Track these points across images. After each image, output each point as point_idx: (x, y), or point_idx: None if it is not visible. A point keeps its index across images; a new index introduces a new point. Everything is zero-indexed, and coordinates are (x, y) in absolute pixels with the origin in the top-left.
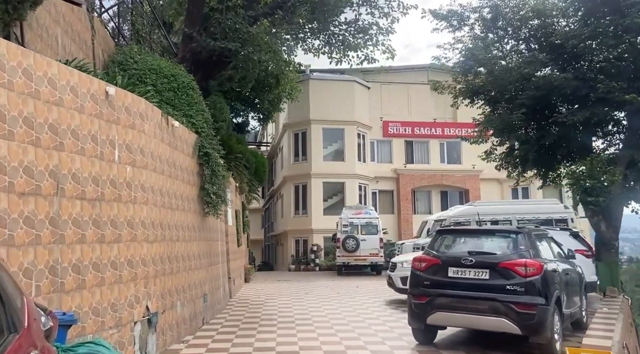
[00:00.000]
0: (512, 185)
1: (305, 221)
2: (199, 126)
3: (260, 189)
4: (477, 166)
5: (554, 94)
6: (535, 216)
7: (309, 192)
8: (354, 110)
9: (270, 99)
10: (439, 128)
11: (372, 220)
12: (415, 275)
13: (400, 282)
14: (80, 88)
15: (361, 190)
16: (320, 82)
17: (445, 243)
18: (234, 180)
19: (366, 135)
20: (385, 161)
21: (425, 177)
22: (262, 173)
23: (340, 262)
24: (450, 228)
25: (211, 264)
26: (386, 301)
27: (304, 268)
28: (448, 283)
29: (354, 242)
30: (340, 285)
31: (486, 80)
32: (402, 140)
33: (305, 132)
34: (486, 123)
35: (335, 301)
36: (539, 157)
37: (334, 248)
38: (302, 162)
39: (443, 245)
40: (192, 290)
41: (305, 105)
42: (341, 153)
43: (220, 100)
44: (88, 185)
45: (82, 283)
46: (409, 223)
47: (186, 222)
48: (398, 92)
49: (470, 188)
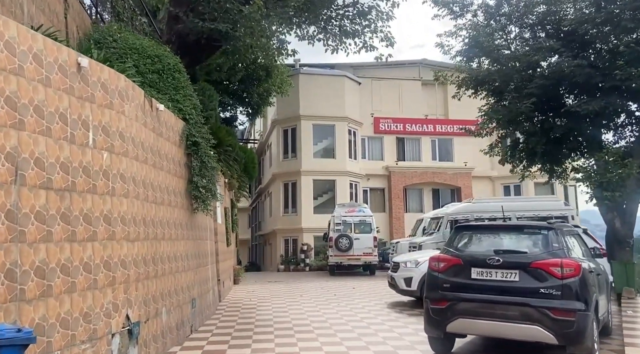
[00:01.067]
0: (504, 182)
1: (294, 220)
2: (186, 112)
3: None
4: (469, 163)
5: (563, 83)
6: (535, 213)
7: (299, 190)
8: (344, 106)
9: (259, 93)
10: (430, 125)
11: (365, 218)
12: (432, 276)
13: (403, 283)
14: (46, 56)
15: (352, 188)
16: (310, 77)
17: (465, 240)
18: (223, 176)
19: (357, 132)
20: (376, 158)
21: (417, 175)
22: (252, 169)
23: (332, 262)
24: (471, 223)
25: (200, 265)
26: (388, 303)
27: (294, 268)
28: (471, 285)
29: (347, 241)
30: (335, 286)
31: (491, 69)
32: (393, 137)
33: (294, 128)
34: (492, 114)
35: (334, 303)
36: (546, 150)
37: (324, 247)
38: (292, 159)
39: (463, 243)
40: (180, 295)
41: (295, 101)
42: (332, 150)
43: (209, 88)
44: (55, 173)
45: (48, 289)
46: (400, 222)
47: (172, 219)
48: (389, 88)
49: (462, 185)
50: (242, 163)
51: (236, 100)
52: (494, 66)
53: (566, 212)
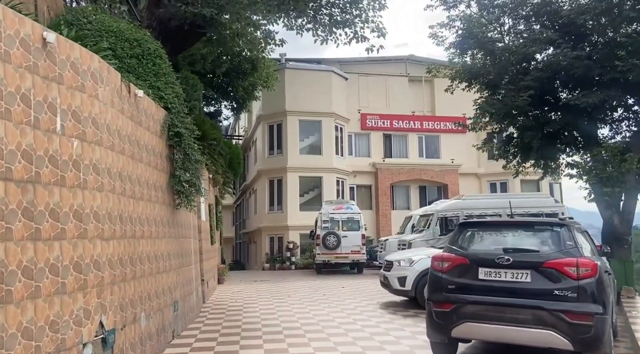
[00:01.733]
0: (490, 179)
1: (280, 217)
2: (168, 101)
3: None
4: (456, 160)
5: (560, 76)
6: (526, 210)
7: (285, 187)
8: (331, 102)
9: (245, 87)
10: (418, 121)
11: (353, 216)
12: (435, 277)
13: (397, 283)
14: (5, 28)
15: (339, 185)
16: (296, 72)
17: (471, 238)
18: (207, 171)
19: (344, 128)
20: (363, 155)
21: (404, 172)
22: (237, 165)
23: (319, 260)
24: (476, 220)
25: (183, 265)
26: (380, 304)
27: (279, 267)
28: (479, 287)
29: (335, 239)
30: (324, 285)
31: (485, 62)
32: (380, 133)
33: (280, 124)
34: (487, 107)
35: (324, 304)
36: (541, 145)
37: (311, 245)
38: (277, 155)
39: (468, 241)
40: (160, 298)
41: (281, 96)
42: (318, 147)
43: (193, 77)
44: (16, 161)
45: (7, 295)
46: (387, 219)
47: (153, 215)
48: (376, 84)
49: (449, 182)
50: (227, 159)
51: (221, 93)
52: (487, 58)
53: (557, 209)
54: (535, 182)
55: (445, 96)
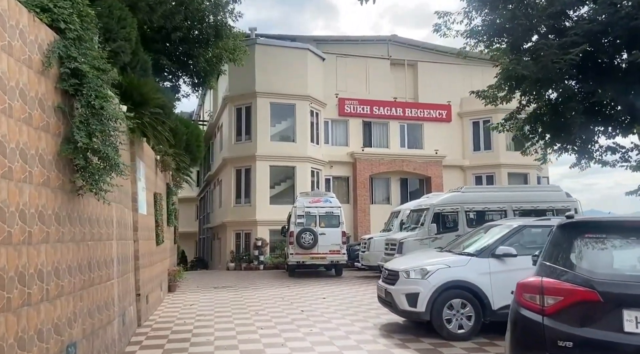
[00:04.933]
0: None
1: (247, 211)
2: (62, 18)
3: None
4: (440, 151)
5: (616, 30)
6: (535, 205)
7: (253, 177)
8: (306, 84)
9: (207, 58)
10: (400, 108)
11: (332, 210)
12: (529, 323)
13: (405, 301)
14: None
15: (314, 176)
16: (268, 49)
17: (591, 252)
18: (149, 148)
19: (320, 114)
20: (340, 143)
21: (385, 163)
22: (197, 148)
23: (293, 261)
24: (600, 218)
25: (94, 283)
26: (380, 327)
27: (246, 266)
28: (623, 347)
29: (311, 237)
30: (299, 294)
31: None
32: (359, 120)
33: (249, 107)
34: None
35: (304, 327)
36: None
37: (282, 242)
38: (246, 141)
39: (588, 258)
40: (35, 343)
41: (250, 75)
42: (291, 133)
43: (123, 8)
44: None
45: None
46: (365, 214)
47: (29, 205)
48: (355, 66)
49: (433, 175)
50: (183, 140)
51: (178, 65)
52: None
53: (569, 204)
54: (522, 175)
55: (429, 82)
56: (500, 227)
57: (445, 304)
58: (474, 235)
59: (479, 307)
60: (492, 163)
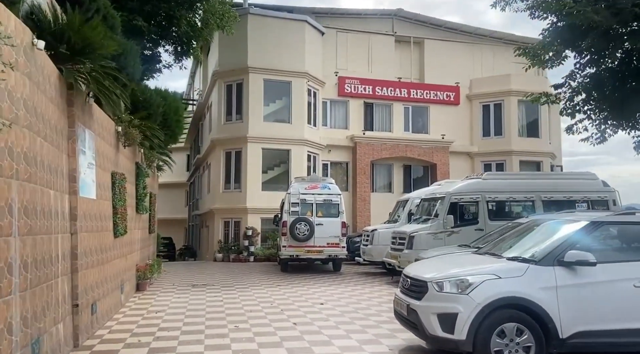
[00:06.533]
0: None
1: (237, 197)
2: None
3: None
4: (447, 136)
5: None
6: (567, 195)
7: (244, 161)
8: (304, 59)
9: (190, 21)
10: (404, 89)
11: (331, 198)
12: None
13: (437, 325)
14: None
15: (310, 161)
16: (262, 19)
17: None
18: (104, 115)
19: (318, 93)
20: (340, 126)
21: (387, 148)
22: (176, 123)
23: (286, 254)
24: None
25: None
26: (402, 350)
27: (235, 257)
28: None
29: (307, 228)
30: (292, 297)
31: None
32: (360, 101)
33: (240, 84)
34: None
35: (299, 350)
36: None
37: (274, 233)
38: (237, 122)
39: None
40: None
41: (242, 49)
42: (287, 113)
43: None
44: None
45: None
46: (366, 203)
47: None
48: (357, 43)
49: (439, 162)
50: (159, 114)
51: (157, 29)
52: None
53: (606, 195)
54: (535, 164)
55: (436, 61)
56: (557, 222)
57: (494, 331)
58: (519, 232)
59: (541, 335)
60: (503, 150)
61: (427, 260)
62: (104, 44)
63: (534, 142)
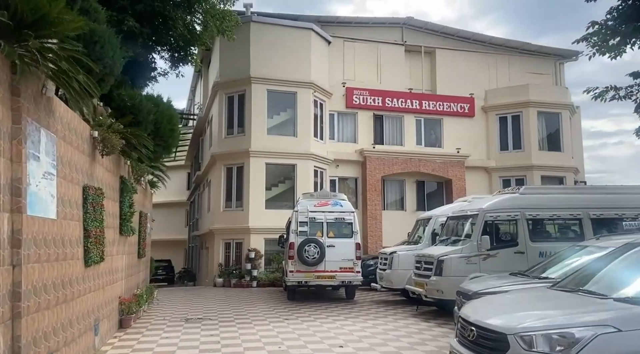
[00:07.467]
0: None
1: (239, 216)
2: None
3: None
4: (462, 150)
5: None
6: (620, 212)
7: (247, 177)
8: (310, 69)
9: (187, 23)
10: (416, 100)
11: (344, 216)
12: None
13: None
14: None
15: (317, 176)
16: (266, 28)
17: None
18: (72, 114)
19: (325, 105)
20: (348, 139)
21: (399, 162)
22: (170, 133)
23: (293, 280)
24: None
25: None
26: None
27: (236, 282)
28: None
29: (317, 250)
30: (303, 336)
31: None
32: (369, 114)
33: (242, 95)
34: None
35: None
36: None
37: (279, 255)
38: (238, 135)
39: None
40: None
41: (244, 58)
42: (292, 126)
43: None
44: None
45: None
46: (377, 222)
47: None
48: (365, 52)
49: (454, 177)
50: (149, 122)
51: (151, 31)
52: None
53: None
54: (557, 179)
55: (448, 71)
56: None
57: None
58: (607, 259)
59: None
60: (523, 165)
61: (491, 297)
62: (64, 19)
63: (555, 155)
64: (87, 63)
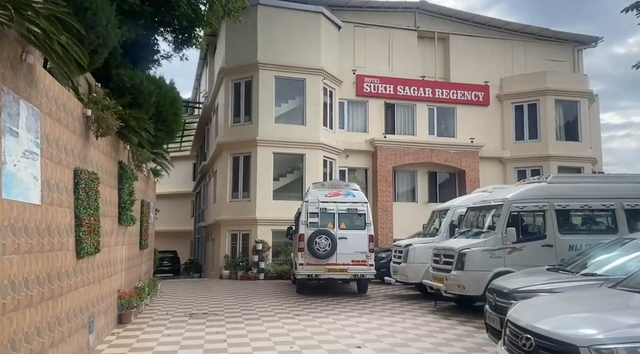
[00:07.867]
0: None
1: (246, 207)
2: None
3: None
4: (476, 140)
5: None
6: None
7: (254, 167)
8: (319, 55)
9: (192, 2)
10: (428, 88)
11: (357, 206)
12: None
13: None
14: None
15: (326, 167)
16: (273, 11)
17: None
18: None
19: (334, 92)
20: (358, 129)
21: (410, 153)
22: (173, 117)
23: (303, 274)
24: None
25: None
26: None
27: (243, 275)
28: None
29: (328, 242)
30: (316, 334)
31: None
32: (381, 102)
33: (250, 82)
34: None
35: None
36: None
37: (287, 246)
38: (245, 123)
39: None
40: None
41: (251, 43)
42: (300, 114)
43: None
44: None
45: None
46: (388, 213)
47: None
48: (376, 38)
49: (467, 168)
50: (151, 105)
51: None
52: None
53: None
54: (575, 170)
55: (462, 59)
56: None
57: None
58: None
59: None
60: (539, 155)
61: (544, 298)
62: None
63: (573, 145)
64: (77, 31)
